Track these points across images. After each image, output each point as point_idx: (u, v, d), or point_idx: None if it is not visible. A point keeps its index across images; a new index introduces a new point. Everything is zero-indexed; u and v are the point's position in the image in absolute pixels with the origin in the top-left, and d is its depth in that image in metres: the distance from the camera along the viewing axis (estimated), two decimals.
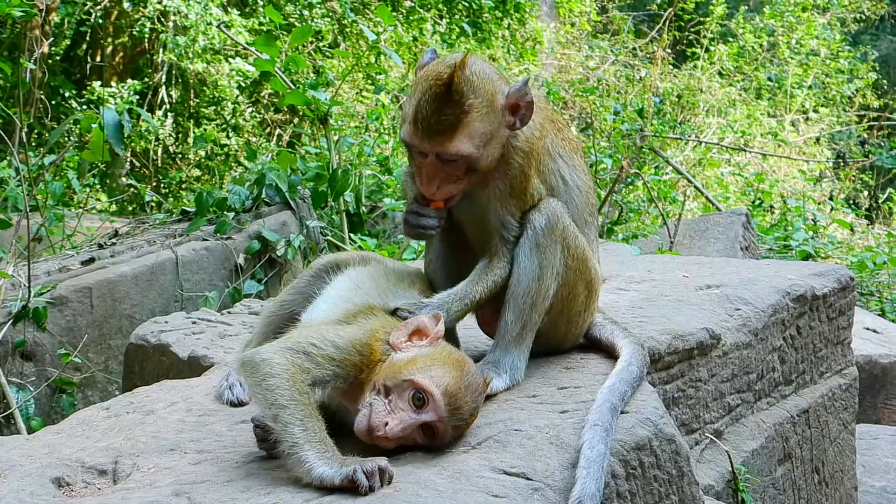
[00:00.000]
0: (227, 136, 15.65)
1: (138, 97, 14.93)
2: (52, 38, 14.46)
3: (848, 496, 5.14)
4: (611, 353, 3.48)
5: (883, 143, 20.53)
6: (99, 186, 14.19)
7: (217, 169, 15.48)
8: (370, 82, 15.26)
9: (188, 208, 7.89)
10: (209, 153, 15.58)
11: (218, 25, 13.87)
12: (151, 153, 15.45)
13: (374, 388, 2.77)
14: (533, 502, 2.60)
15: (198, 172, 15.83)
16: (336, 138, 9.43)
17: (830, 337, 5.05)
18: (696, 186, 13.95)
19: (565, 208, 3.35)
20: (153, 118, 14.56)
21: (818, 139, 19.97)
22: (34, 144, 13.12)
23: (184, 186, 15.41)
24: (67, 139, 13.48)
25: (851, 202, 19.24)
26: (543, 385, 3.29)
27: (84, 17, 15.72)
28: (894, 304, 10.69)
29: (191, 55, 15.01)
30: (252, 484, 2.63)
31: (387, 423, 2.69)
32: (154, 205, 12.12)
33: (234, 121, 15.85)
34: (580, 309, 3.46)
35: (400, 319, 3.04)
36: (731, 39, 20.22)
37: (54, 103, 14.78)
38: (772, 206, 14.96)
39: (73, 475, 2.86)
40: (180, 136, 16.13)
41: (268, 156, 11.74)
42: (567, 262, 3.32)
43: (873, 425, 6.96)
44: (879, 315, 9.87)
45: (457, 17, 17.15)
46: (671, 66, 19.55)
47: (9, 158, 9.78)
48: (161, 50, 15.54)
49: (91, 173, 12.54)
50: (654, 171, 13.41)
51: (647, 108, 15.13)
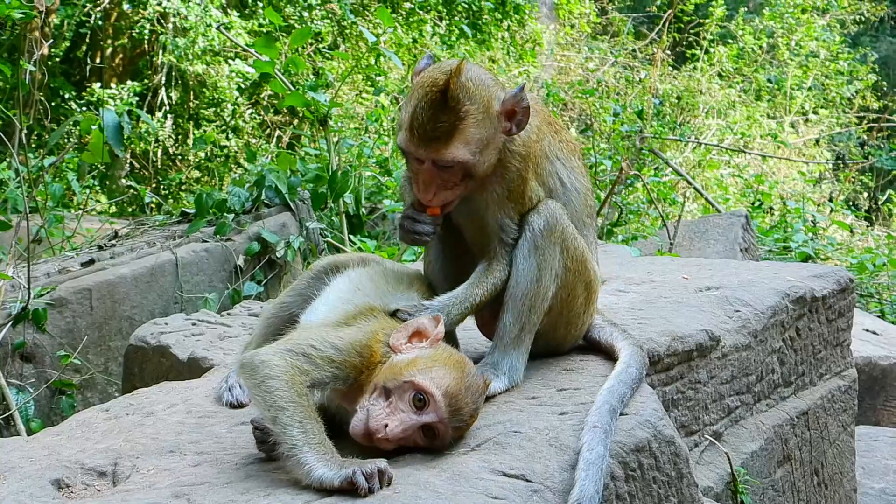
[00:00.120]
0: (227, 138, 15.62)
1: (138, 99, 14.93)
2: (51, 39, 14.43)
3: (847, 498, 5.14)
4: (610, 355, 3.48)
5: (882, 145, 20.54)
6: (99, 188, 14.16)
7: (217, 170, 15.46)
8: (370, 84, 15.26)
9: (188, 210, 7.87)
10: (209, 155, 15.57)
11: (218, 27, 13.89)
12: (151, 155, 15.44)
13: (374, 389, 2.77)
14: None
15: (197, 174, 15.81)
16: (336, 140, 9.44)
17: (830, 339, 5.05)
18: (695, 188, 13.95)
19: (564, 210, 3.35)
20: (153, 120, 14.56)
21: (818, 141, 19.95)
22: (34, 146, 13.10)
23: (183, 188, 15.40)
24: (67, 141, 13.46)
25: (851, 204, 19.22)
26: (543, 387, 3.29)
27: (84, 18, 15.71)
28: (894, 306, 10.69)
29: (190, 57, 15.00)
30: (251, 486, 2.63)
31: (387, 425, 2.69)
32: (154, 206, 12.08)
33: (233, 122, 15.83)
34: (579, 310, 3.46)
35: (400, 321, 3.04)
36: (730, 41, 20.22)
37: (54, 105, 14.75)
38: (771, 208, 14.97)
39: (73, 477, 2.86)
40: (180, 137, 16.11)
41: (267, 157, 11.74)
42: (566, 263, 3.32)
43: (873, 427, 6.97)
44: (879, 317, 9.87)
45: (456, 18, 17.14)
46: (671, 68, 19.55)
47: (8, 160, 9.77)
48: (161, 51, 15.52)
49: (91, 175, 12.54)
50: (653, 173, 13.41)
51: (646, 109, 15.13)
